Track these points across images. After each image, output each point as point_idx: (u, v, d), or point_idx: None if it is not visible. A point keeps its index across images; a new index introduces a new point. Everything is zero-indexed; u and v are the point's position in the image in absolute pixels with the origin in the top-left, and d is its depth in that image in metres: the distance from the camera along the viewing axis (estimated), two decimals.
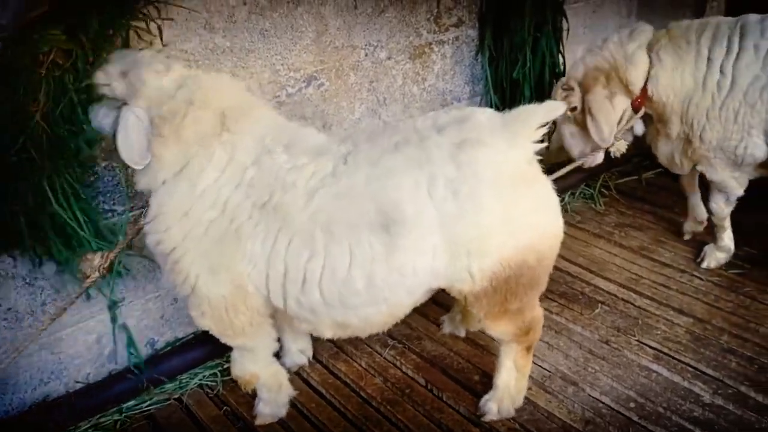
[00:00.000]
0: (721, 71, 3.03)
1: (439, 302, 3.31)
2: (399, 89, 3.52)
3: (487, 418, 2.59)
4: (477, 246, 2.16)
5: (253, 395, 2.71)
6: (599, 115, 3.20)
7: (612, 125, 3.23)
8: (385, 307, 2.28)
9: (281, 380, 2.69)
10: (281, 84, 3.02)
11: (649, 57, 3.14)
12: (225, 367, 2.94)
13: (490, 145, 2.15)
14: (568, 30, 3.90)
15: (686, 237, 3.77)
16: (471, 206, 2.13)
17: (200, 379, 2.89)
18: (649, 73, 3.15)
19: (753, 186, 3.28)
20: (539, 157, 2.26)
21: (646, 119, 3.36)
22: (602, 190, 4.35)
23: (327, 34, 3.12)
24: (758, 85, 2.98)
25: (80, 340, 2.75)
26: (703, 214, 3.67)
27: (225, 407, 2.76)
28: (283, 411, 2.68)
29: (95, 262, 2.48)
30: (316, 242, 2.18)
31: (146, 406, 2.77)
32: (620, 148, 3.36)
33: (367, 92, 3.38)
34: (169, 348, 3.01)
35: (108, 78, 2.24)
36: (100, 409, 2.73)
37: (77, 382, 2.79)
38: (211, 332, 2.47)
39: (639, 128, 3.40)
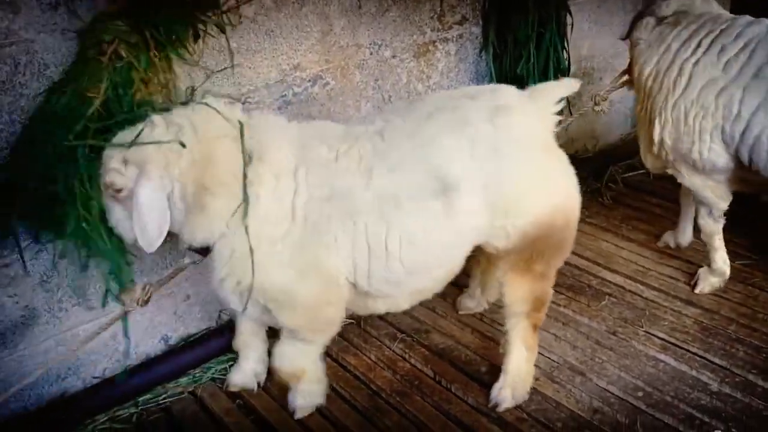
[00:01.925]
0: (680, 68, 2.94)
1: (445, 295, 3.34)
2: (404, 87, 3.56)
3: (502, 407, 2.62)
4: (515, 205, 2.30)
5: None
6: None
7: None
8: (450, 266, 2.44)
9: (322, 373, 2.71)
10: (288, 83, 3.08)
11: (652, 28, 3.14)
12: (237, 361, 3.00)
13: (522, 112, 2.34)
14: (572, 25, 3.93)
15: (660, 244, 3.67)
16: (510, 166, 2.28)
17: (213, 373, 2.94)
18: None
19: None
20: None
21: None
22: (609, 184, 4.36)
23: (332, 34, 3.17)
24: (714, 88, 2.84)
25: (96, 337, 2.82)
26: (684, 238, 3.60)
27: (238, 400, 2.81)
28: (322, 399, 2.70)
29: (136, 294, 2.52)
30: (388, 217, 2.26)
31: (162, 400, 2.82)
32: (605, 108, 3.52)
33: (372, 90, 3.42)
34: (182, 343, 3.07)
35: (120, 176, 2.12)
36: (117, 403, 2.79)
37: (94, 377, 2.86)
38: (300, 331, 2.48)
39: None
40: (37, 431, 2.63)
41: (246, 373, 2.82)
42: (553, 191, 2.36)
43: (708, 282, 3.27)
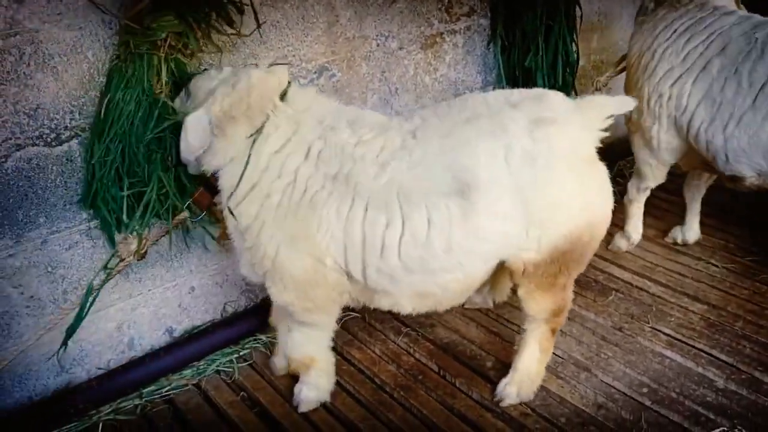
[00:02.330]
0: (653, 52, 3.06)
1: None
2: (411, 79, 3.54)
3: (506, 402, 2.62)
4: (549, 217, 2.25)
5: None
6: None
7: None
8: (462, 275, 2.34)
9: (332, 367, 2.73)
10: (293, 75, 3.06)
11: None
12: (241, 354, 3.01)
13: (565, 125, 2.26)
14: (581, 17, 3.89)
15: (668, 239, 3.69)
16: (547, 177, 2.22)
17: (217, 366, 2.95)
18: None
19: None
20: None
21: None
22: (617, 178, 4.33)
23: (338, 25, 3.15)
24: (671, 77, 2.98)
25: (101, 327, 2.82)
26: (691, 234, 3.62)
27: (242, 392, 2.82)
28: (328, 396, 2.71)
29: (132, 246, 2.58)
30: (392, 210, 2.25)
31: (165, 391, 2.83)
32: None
33: (378, 82, 3.40)
34: (186, 335, 3.07)
35: (183, 104, 2.48)
36: (121, 394, 2.80)
37: (98, 368, 2.87)
38: (290, 308, 2.50)
39: None
40: (42, 422, 2.64)
41: (280, 357, 2.88)
42: (587, 206, 2.31)
43: (617, 243, 3.61)
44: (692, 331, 2.95)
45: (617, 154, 4.48)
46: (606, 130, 2.34)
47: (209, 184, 2.52)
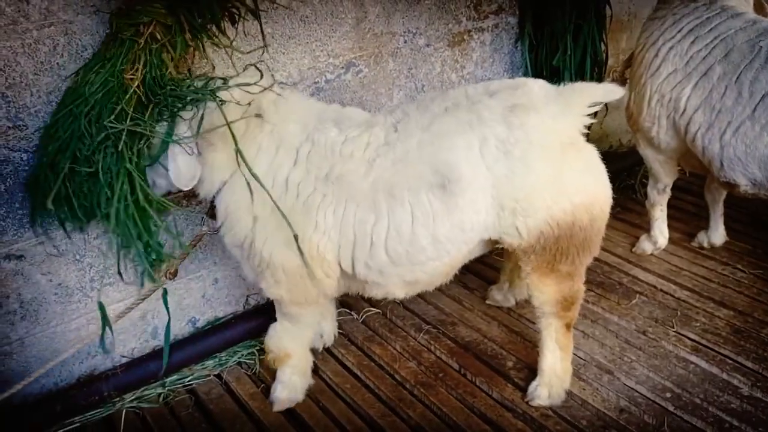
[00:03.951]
0: (658, 50, 3.02)
1: (472, 288, 3.33)
2: (437, 76, 3.53)
3: (535, 402, 2.60)
4: (523, 205, 2.25)
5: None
6: None
7: None
8: (448, 259, 2.39)
9: (307, 367, 2.75)
10: (320, 70, 3.07)
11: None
12: (262, 346, 3.02)
13: (541, 110, 2.24)
14: (611, 17, 3.85)
15: (694, 244, 3.63)
16: (520, 167, 2.22)
17: (239, 357, 2.97)
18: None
19: None
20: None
21: None
22: (643, 180, 4.27)
23: (366, 21, 3.15)
24: (673, 80, 2.95)
25: (126, 317, 2.85)
26: (717, 237, 3.57)
27: (262, 384, 2.84)
28: (301, 396, 2.72)
29: (163, 267, 2.60)
30: (379, 206, 2.27)
31: (188, 381, 2.87)
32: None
33: (405, 79, 3.40)
34: (209, 327, 3.10)
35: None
36: (144, 382, 2.83)
37: (123, 356, 2.91)
38: (280, 302, 2.55)
39: None
40: (66, 408, 2.68)
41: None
42: (571, 191, 2.27)
43: (642, 246, 3.56)
44: (717, 337, 2.91)
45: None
46: (594, 115, 2.31)
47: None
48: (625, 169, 4.30)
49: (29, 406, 2.66)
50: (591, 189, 2.34)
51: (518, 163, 2.22)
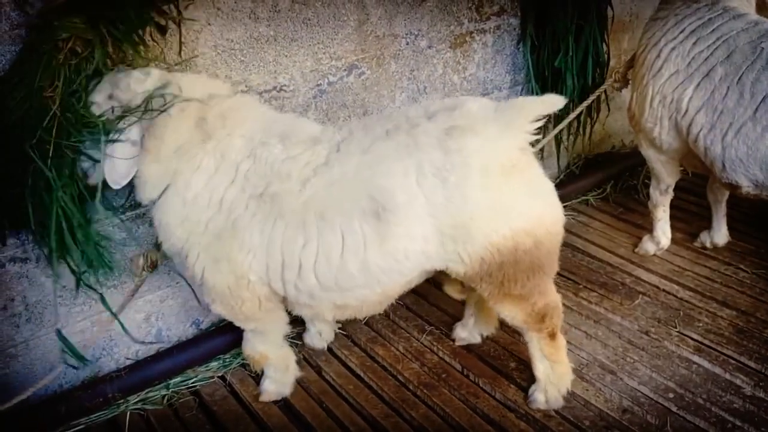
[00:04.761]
0: (660, 50, 3.02)
1: None
2: (439, 78, 3.54)
3: (534, 406, 2.60)
4: (461, 233, 2.18)
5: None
6: None
7: None
8: (380, 288, 2.32)
9: (289, 362, 2.79)
10: (323, 72, 3.08)
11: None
12: None
13: (479, 132, 2.15)
14: (613, 18, 3.85)
15: (696, 244, 3.63)
16: (456, 195, 2.14)
17: (243, 359, 2.97)
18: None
19: None
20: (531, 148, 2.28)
21: None
22: (646, 181, 4.27)
23: (368, 23, 3.16)
24: (675, 81, 2.95)
25: (130, 318, 2.87)
26: (720, 237, 3.56)
27: None
28: (287, 390, 2.77)
29: (140, 262, 2.63)
30: (309, 229, 2.22)
31: (192, 383, 2.88)
32: (623, 84, 3.47)
33: (407, 81, 3.41)
34: (213, 328, 3.11)
35: (99, 107, 2.27)
36: (149, 384, 2.85)
37: (127, 358, 2.92)
38: (228, 318, 2.58)
39: None
40: (71, 410, 2.69)
41: (311, 334, 3.01)
42: (513, 215, 2.18)
43: (645, 247, 3.58)
44: (720, 337, 2.91)
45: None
46: (540, 130, 2.22)
47: None
48: (627, 169, 4.31)
49: (34, 407, 2.67)
50: (534, 212, 2.23)
51: (454, 191, 2.13)
